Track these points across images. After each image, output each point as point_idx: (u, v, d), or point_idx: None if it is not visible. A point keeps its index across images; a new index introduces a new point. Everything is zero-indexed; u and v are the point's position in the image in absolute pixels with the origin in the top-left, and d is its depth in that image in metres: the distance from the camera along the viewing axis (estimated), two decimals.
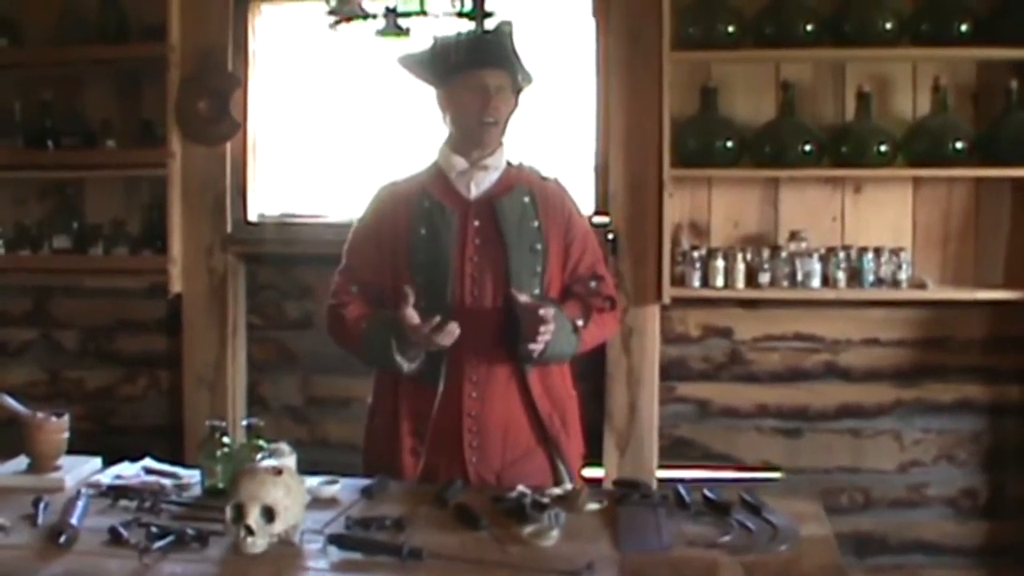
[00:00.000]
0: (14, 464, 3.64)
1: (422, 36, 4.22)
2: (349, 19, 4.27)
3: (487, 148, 3.73)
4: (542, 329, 3.46)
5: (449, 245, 3.65)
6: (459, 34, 3.75)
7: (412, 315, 3.49)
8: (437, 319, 3.45)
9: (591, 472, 5.17)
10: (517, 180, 3.77)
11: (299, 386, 5.59)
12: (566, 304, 3.70)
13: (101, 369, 5.75)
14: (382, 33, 4.22)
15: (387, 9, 4.21)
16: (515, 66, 3.72)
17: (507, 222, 3.67)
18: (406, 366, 3.58)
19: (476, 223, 3.69)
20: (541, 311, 3.45)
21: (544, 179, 3.85)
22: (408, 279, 3.64)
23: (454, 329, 3.45)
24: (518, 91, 3.76)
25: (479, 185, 3.73)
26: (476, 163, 3.73)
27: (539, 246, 3.70)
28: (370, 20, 4.25)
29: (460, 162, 3.74)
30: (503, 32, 3.75)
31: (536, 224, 3.71)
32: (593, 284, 3.80)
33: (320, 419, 5.56)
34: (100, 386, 5.75)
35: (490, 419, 3.67)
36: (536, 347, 3.51)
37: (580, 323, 3.68)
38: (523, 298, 3.54)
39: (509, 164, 3.80)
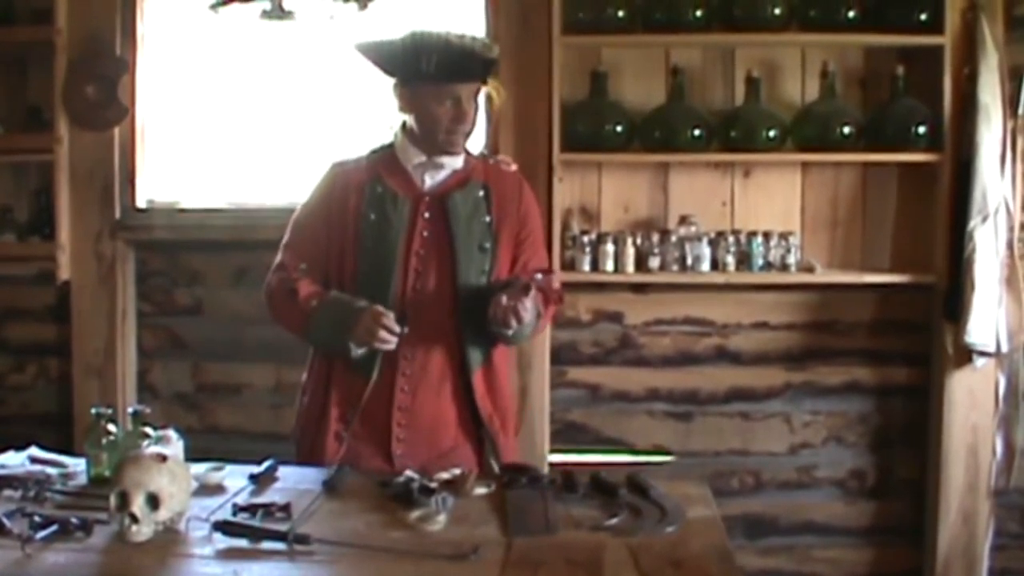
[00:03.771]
0: None
1: (305, 20, 4.20)
2: (232, 1, 4.25)
3: (452, 155, 3.68)
4: (525, 303, 3.44)
5: (397, 234, 3.62)
6: (432, 37, 3.54)
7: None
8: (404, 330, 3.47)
9: None
10: (472, 173, 3.73)
11: (190, 373, 5.54)
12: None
13: None
14: (267, 16, 4.20)
15: None
16: (488, 73, 3.66)
17: (457, 220, 3.64)
18: (355, 350, 3.55)
19: (427, 215, 3.66)
20: (529, 289, 3.46)
21: (503, 171, 3.82)
22: (352, 263, 3.65)
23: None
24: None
25: (434, 178, 3.69)
26: (434, 159, 3.68)
27: (488, 244, 3.67)
28: (254, 3, 4.24)
29: (418, 155, 3.68)
30: (478, 43, 3.58)
31: (488, 220, 3.68)
32: (540, 277, 3.76)
33: (211, 406, 5.51)
34: None
35: (420, 414, 3.67)
36: (525, 315, 3.45)
37: (542, 310, 3.68)
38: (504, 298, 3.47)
39: (468, 154, 3.76)
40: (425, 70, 3.52)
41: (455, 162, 3.71)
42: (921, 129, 4.96)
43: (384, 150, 3.78)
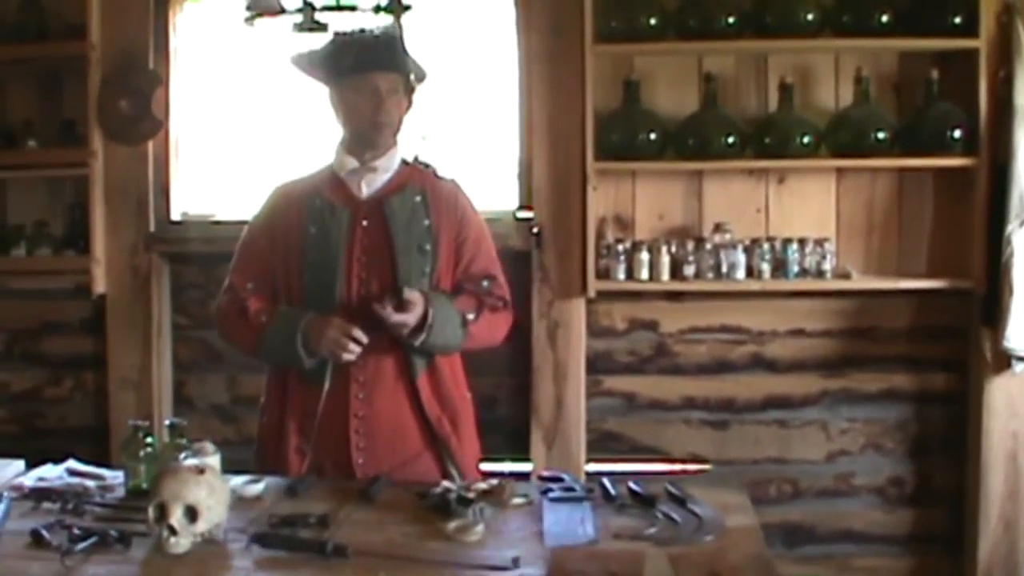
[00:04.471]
0: None
1: (337, 31, 4.21)
2: (266, 14, 4.25)
3: (378, 149, 3.75)
4: (407, 305, 3.51)
5: (337, 244, 3.67)
6: (351, 35, 3.76)
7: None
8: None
9: (518, 467, 5.19)
10: (410, 179, 3.78)
11: (225, 385, 5.54)
12: (458, 298, 3.72)
13: (26, 371, 5.68)
14: (299, 28, 4.19)
15: (304, 4, 4.19)
16: (407, 67, 3.75)
17: (395, 222, 3.68)
18: (307, 360, 3.60)
19: (365, 223, 3.70)
20: (405, 293, 3.52)
21: (439, 178, 3.85)
22: (297, 278, 3.71)
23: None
24: (411, 91, 3.78)
25: (370, 185, 3.76)
26: (367, 163, 3.75)
27: (428, 246, 3.71)
28: (287, 15, 4.23)
29: (351, 162, 3.77)
30: (393, 34, 3.76)
31: (427, 223, 3.72)
32: (485, 284, 3.80)
33: (247, 418, 5.43)
34: (25, 388, 5.68)
35: (377, 421, 3.68)
36: (400, 319, 3.52)
37: (470, 316, 3.70)
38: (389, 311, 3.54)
39: (404, 162, 3.82)
40: (345, 63, 3.69)
41: (389, 164, 3.78)
42: (956, 133, 4.93)
43: (325, 169, 3.86)
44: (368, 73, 3.66)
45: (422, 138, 5.61)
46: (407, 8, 4.32)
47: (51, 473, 3.65)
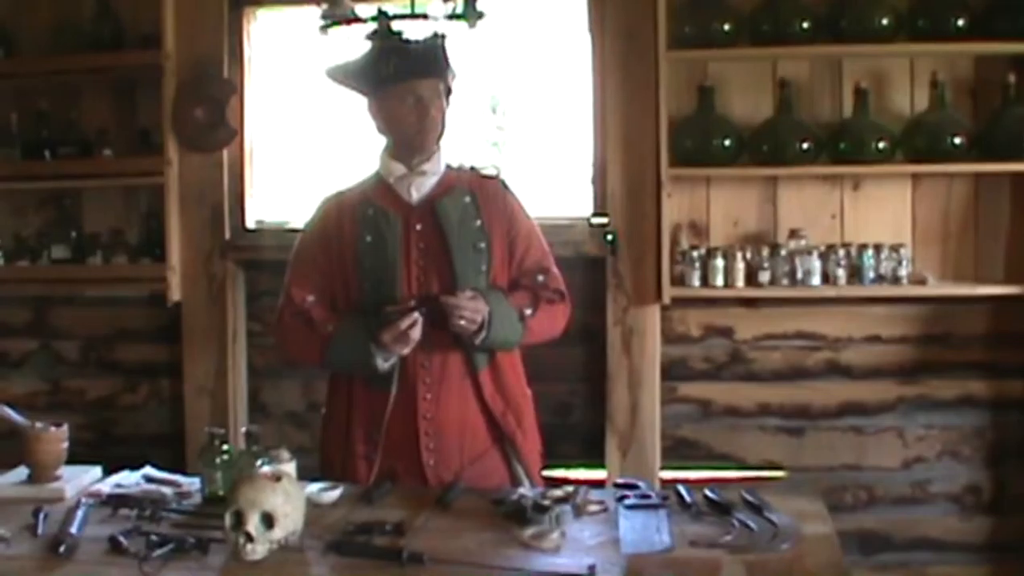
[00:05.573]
0: (14, 475, 3.66)
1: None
2: (341, 23, 4.28)
3: (425, 155, 3.76)
4: (461, 305, 3.54)
5: (394, 250, 3.69)
6: (389, 43, 3.81)
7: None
8: (415, 317, 3.53)
9: (593, 473, 5.18)
10: (457, 182, 3.81)
11: (300, 392, 5.57)
12: (514, 294, 3.75)
13: (102, 378, 5.74)
14: (374, 37, 4.22)
15: (379, 12, 4.21)
16: (446, 72, 3.77)
17: (449, 223, 3.71)
18: (382, 363, 3.60)
19: (419, 227, 3.72)
20: (461, 296, 3.56)
21: (485, 178, 3.88)
22: (356, 287, 3.72)
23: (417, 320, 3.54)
24: (448, 92, 3.79)
25: (420, 189, 3.78)
26: (415, 168, 3.77)
27: (483, 244, 3.73)
28: (361, 24, 4.26)
29: (399, 168, 3.79)
30: (433, 40, 3.77)
31: (478, 223, 3.74)
32: (540, 278, 3.82)
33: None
34: (101, 395, 5.74)
35: (446, 420, 3.70)
36: (462, 322, 3.54)
37: (528, 312, 3.72)
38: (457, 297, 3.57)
39: (449, 167, 3.84)
40: (385, 73, 3.71)
41: (436, 168, 3.80)
42: None
43: (372, 177, 3.89)
44: (410, 81, 3.69)
45: (493, 144, 5.62)
46: (481, 15, 4.34)
47: (128, 480, 3.69)
